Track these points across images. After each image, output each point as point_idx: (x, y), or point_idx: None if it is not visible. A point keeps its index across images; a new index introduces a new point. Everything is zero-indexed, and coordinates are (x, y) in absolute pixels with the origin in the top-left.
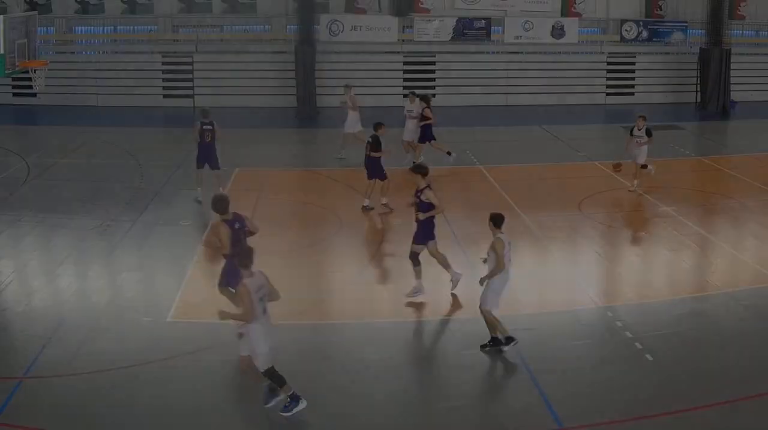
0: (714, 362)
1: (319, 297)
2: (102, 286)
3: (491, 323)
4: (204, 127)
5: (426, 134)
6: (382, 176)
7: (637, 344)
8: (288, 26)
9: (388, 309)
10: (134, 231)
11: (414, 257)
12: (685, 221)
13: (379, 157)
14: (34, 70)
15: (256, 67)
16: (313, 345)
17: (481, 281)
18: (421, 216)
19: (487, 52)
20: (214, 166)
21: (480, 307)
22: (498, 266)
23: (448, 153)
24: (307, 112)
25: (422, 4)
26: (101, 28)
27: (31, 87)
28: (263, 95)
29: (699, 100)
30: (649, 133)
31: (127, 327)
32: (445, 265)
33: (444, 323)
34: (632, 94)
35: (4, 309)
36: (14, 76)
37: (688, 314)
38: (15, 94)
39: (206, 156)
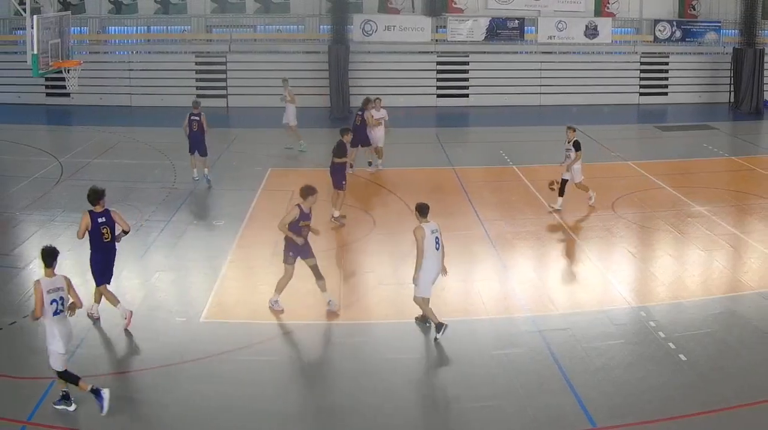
0: (747, 362)
1: (352, 297)
2: (135, 286)
3: (426, 310)
4: (192, 117)
5: (363, 139)
6: (340, 186)
7: (670, 344)
8: (321, 26)
9: (416, 309)
10: (168, 231)
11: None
12: (718, 220)
13: (344, 165)
14: (68, 71)
15: (289, 67)
16: (346, 345)
17: (414, 280)
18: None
19: (521, 52)
20: (203, 153)
21: (414, 298)
22: (418, 253)
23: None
24: (340, 112)
25: (455, 3)
26: (134, 28)
27: (64, 87)
28: (297, 95)
29: (732, 100)
30: (577, 146)
31: (161, 327)
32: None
33: (476, 322)
34: (665, 94)
35: None
36: (47, 76)
37: (722, 314)
38: (48, 95)
39: (195, 144)
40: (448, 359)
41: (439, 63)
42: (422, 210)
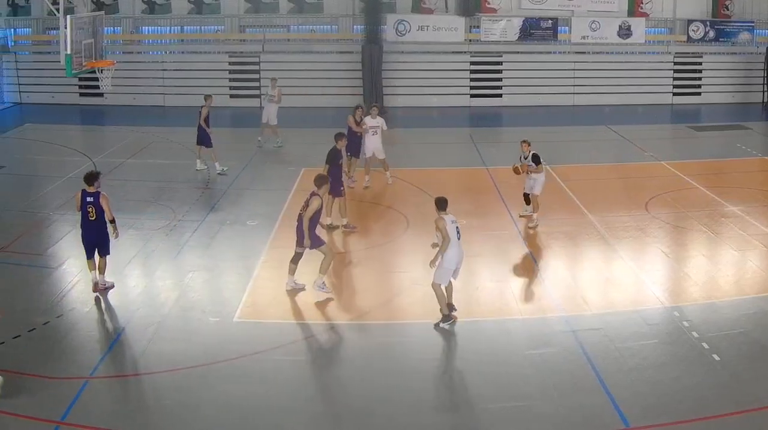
0: None
1: (385, 297)
2: (169, 286)
3: (440, 297)
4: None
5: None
6: (338, 193)
7: (703, 344)
8: (354, 26)
9: (456, 309)
10: (201, 231)
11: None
12: (751, 220)
13: (337, 170)
14: (101, 71)
15: (323, 67)
16: (379, 345)
17: (432, 263)
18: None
19: (554, 52)
20: (208, 145)
21: (432, 283)
22: (444, 240)
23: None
24: None
25: (489, 3)
26: (168, 28)
27: (97, 87)
28: (330, 95)
29: (766, 100)
30: (536, 159)
31: (194, 327)
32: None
33: (509, 322)
34: (699, 94)
35: (71, 309)
36: (81, 76)
37: (755, 313)
38: (82, 95)
39: (200, 137)
40: (482, 359)
41: (472, 63)
42: (441, 204)
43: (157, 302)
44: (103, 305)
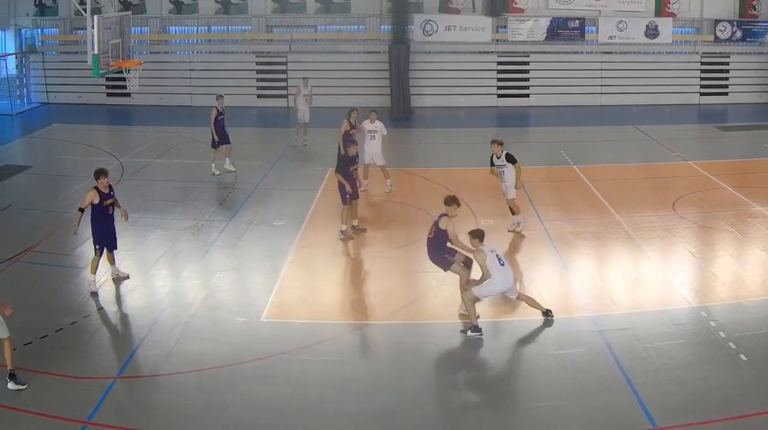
0: None
1: (412, 297)
2: (196, 286)
3: (469, 310)
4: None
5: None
6: (344, 200)
7: (731, 345)
8: (382, 26)
9: (482, 309)
10: (228, 231)
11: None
12: None
13: (351, 179)
14: (128, 71)
15: (350, 67)
16: (406, 344)
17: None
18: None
19: (581, 52)
20: (213, 145)
21: (467, 286)
22: (483, 274)
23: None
24: (401, 112)
25: (516, 3)
26: (195, 28)
27: (125, 87)
28: (357, 95)
29: None
30: (511, 159)
31: (221, 327)
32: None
33: (537, 322)
34: (726, 94)
35: (98, 309)
36: (108, 76)
37: None
38: (109, 95)
39: (222, 135)
40: (509, 358)
41: (499, 63)
42: (478, 235)
43: (185, 302)
44: (129, 305)
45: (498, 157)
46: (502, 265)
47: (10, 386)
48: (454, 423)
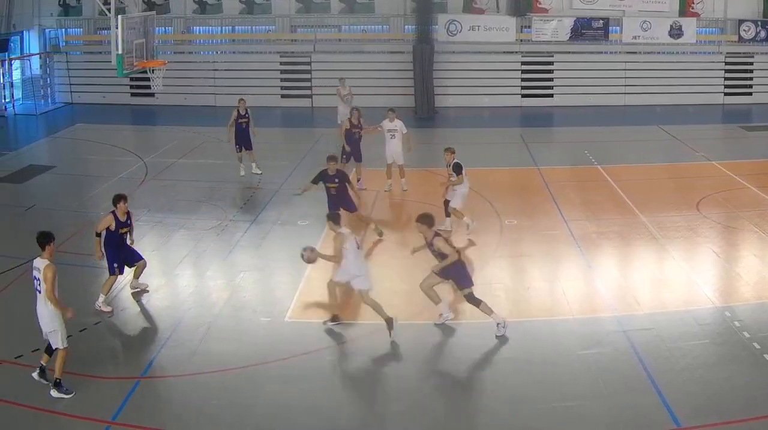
0: None
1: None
2: (220, 286)
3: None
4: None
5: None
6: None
7: (755, 345)
8: (406, 26)
9: (507, 309)
10: (252, 231)
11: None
12: None
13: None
14: (152, 71)
15: (374, 67)
16: (430, 345)
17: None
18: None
19: (605, 52)
20: (248, 147)
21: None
22: (335, 258)
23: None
24: (425, 112)
25: (540, 3)
26: (219, 28)
27: (149, 87)
28: (381, 95)
29: None
30: (457, 169)
31: (245, 327)
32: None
33: (560, 323)
34: (750, 94)
35: (123, 309)
36: (132, 76)
37: None
38: (133, 95)
39: (242, 140)
40: (533, 358)
41: (523, 63)
42: (332, 218)
43: (209, 302)
44: (153, 305)
45: (448, 165)
46: (359, 248)
47: (54, 393)
48: (477, 423)
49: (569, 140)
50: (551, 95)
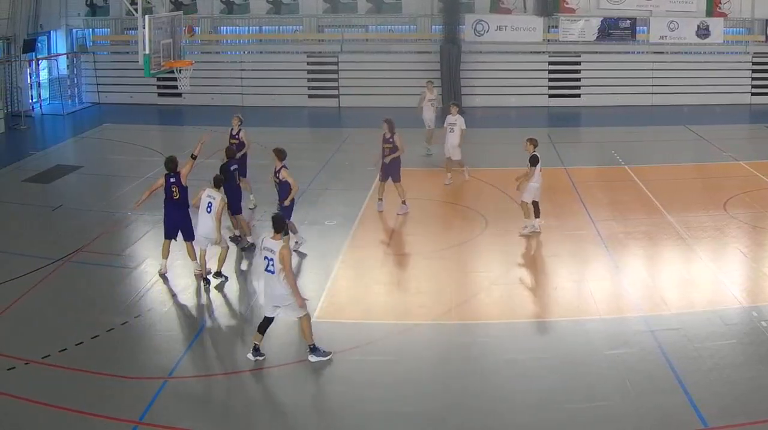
0: None
1: (464, 297)
2: (247, 286)
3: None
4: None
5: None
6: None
7: None
8: (433, 26)
9: (533, 309)
10: None
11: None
12: None
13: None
14: (179, 71)
15: (401, 67)
16: (458, 345)
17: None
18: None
19: (632, 52)
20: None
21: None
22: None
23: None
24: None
25: (567, 3)
26: (246, 28)
27: (176, 87)
28: (408, 95)
29: None
30: (532, 161)
31: (273, 327)
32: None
33: (588, 323)
34: None
35: (149, 310)
36: (159, 76)
37: None
38: (160, 95)
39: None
40: (560, 359)
41: (550, 63)
42: (214, 180)
43: (235, 302)
44: (180, 305)
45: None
46: (209, 212)
47: (312, 358)
48: (504, 423)
49: (596, 140)
50: (578, 95)
